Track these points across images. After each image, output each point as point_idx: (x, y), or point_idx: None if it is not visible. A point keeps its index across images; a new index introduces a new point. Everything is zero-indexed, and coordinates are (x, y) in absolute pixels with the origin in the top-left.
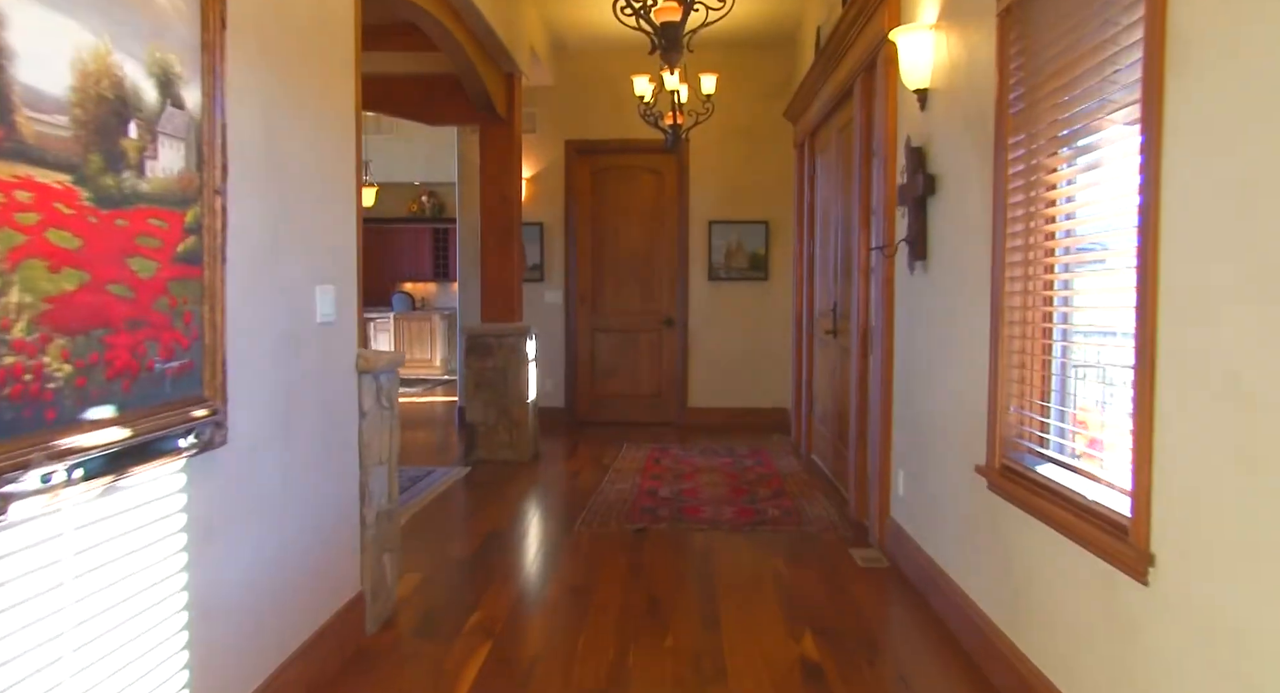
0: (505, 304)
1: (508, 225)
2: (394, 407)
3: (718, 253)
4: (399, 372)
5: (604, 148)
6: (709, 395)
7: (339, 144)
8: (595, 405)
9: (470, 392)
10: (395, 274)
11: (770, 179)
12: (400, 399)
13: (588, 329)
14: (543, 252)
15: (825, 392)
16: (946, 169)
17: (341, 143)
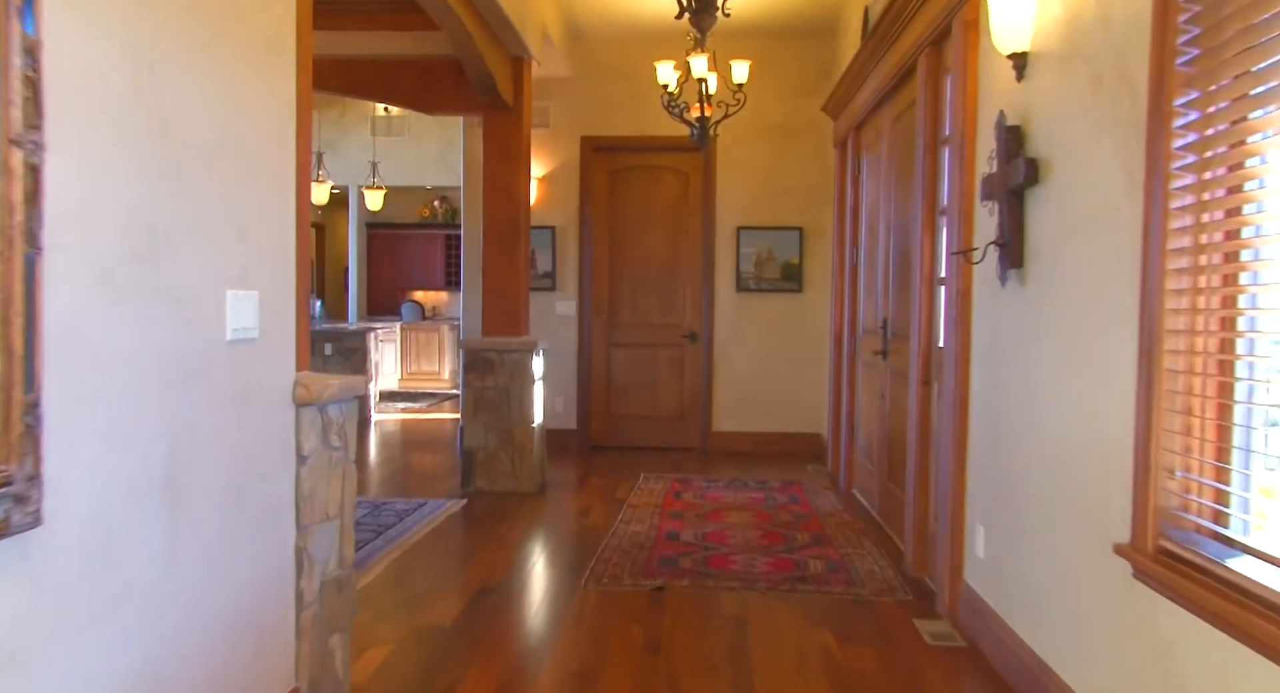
0: (509, 315)
1: (513, 227)
2: (349, 445)
3: (747, 262)
4: (397, 387)
5: (623, 145)
6: (735, 418)
7: (272, 113)
8: (610, 428)
9: (469, 413)
10: (405, 282)
11: (805, 181)
12: (403, 415)
13: (603, 344)
14: (555, 258)
15: (871, 420)
16: (1058, 150)
17: (276, 111)
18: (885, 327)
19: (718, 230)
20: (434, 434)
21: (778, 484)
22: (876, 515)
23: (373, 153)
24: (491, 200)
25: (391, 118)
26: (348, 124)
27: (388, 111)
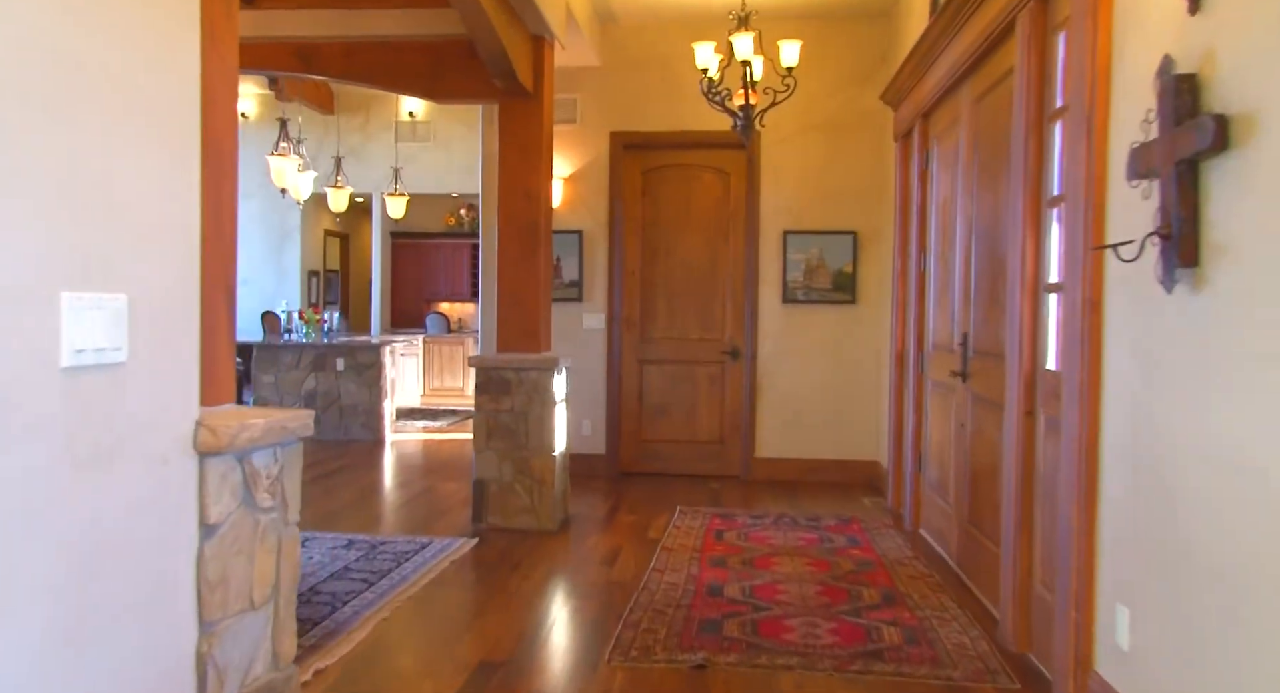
0: (527, 329)
1: (532, 230)
2: (287, 503)
3: (794, 270)
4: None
5: (657, 142)
6: (781, 443)
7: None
8: (642, 453)
9: (481, 440)
10: (430, 293)
11: (859, 180)
12: (421, 436)
13: (634, 360)
14: (581, 266)
15: (946, 452)
16: (1263, 101)
17: (170, 28)
18: (965, 344)
19: (762, 235)
20: (451, 457)
21: (833, 522)
22: (955, 565)
23: (395, 158)
24: (508, 200)
25: (416, 122)
26: (372, 130)
27: (412, 116)
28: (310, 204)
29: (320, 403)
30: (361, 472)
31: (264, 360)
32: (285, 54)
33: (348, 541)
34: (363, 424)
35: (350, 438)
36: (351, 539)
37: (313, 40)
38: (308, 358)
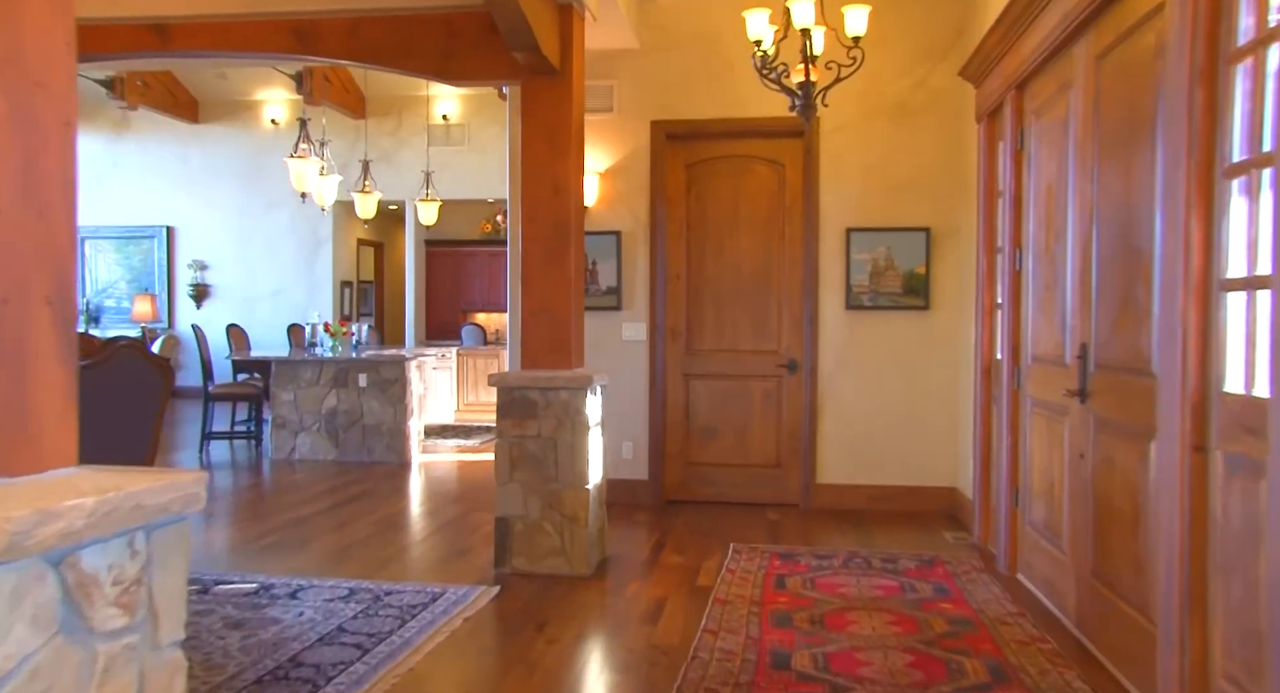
0: (556, 343)
1: (560, 229)
2: (158, 619)
3: (859, 272)
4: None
5: (704, 131)
6: (845, 468)
7: None
8: (689, 478)
9: (504, 471)
10: (466, 303)
11: (931, 171)
12: (452, 456)
13: (680, 375)
14: (620, 271)
15: (1056, 486)
16: None
17: None
18: (1084, 356)
19: (822, 234)
20: (482, 481)
21: (913, 564)
22: (1073, 627)
23: (428, 163)
24: (532, 194)
25: (450, 125)
26: (404, 134)
27: (446, 120)
28: (342, 213)
29: (342, 422)
30: (380, 500)
31: (282, 376)
32: (280, 34)
33: (349, 589)
34: (387, 445)
35: (374, 460)
36: (354, 588)
37: (310, 16)
38: (328, 374)
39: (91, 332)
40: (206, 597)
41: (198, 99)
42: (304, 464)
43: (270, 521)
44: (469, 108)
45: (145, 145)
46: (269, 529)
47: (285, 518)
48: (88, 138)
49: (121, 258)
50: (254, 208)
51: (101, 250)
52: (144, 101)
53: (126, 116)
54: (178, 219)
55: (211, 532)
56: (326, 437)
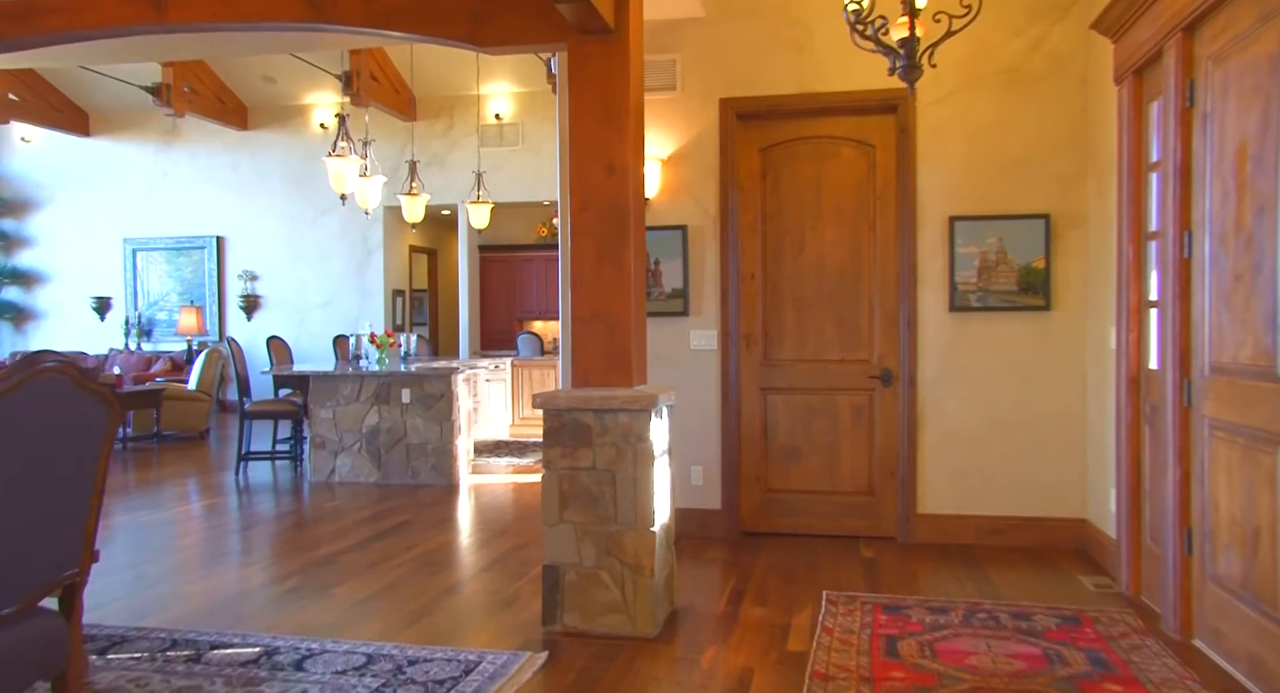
0: (613, 355)
1: (617, 217)
2: None
3: (965, 267)
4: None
5: (780, 109)
6: (951, 495)
7: None
8: (768, 507)
9: (553, 510)
10: (522, 311)
11: (1050, 147)
12: (505, 478)
13: (756, 389)
14: (686, 271)
15: (1259, 538)
16: None
17: None
18: None
19: (920, 224)
20: (534, 508)
21: (1054, 623)
22: None
23: (479, 164)
24: (583, 177)
25: (503, 125)
26: (456, 136)
27: (499, 119)
28: (393, 219)
29: (384, 441)
30: (420, 531)
31: (321, 392)
32: (290, 1)
33: (366, 656)
34: (432, 466)
35: (418, 483)
36: (373, 654)
37: None
38: (369, 389)
39: (143, 346)
40: (197, 667)
41: (246, 105)
42: (344, 488)
43: (295, 559)
44: (522, 106)
45: (195, 154)
46: (291, 570)
47: (312, 556)
48: (138, 148)
49: (172, 269)
50: (304, 215)
51: (153, 262)
52: (192, 109)
53: (176, 125)
54: (228, 229)
55: (229, 571)
56: (368, 457)
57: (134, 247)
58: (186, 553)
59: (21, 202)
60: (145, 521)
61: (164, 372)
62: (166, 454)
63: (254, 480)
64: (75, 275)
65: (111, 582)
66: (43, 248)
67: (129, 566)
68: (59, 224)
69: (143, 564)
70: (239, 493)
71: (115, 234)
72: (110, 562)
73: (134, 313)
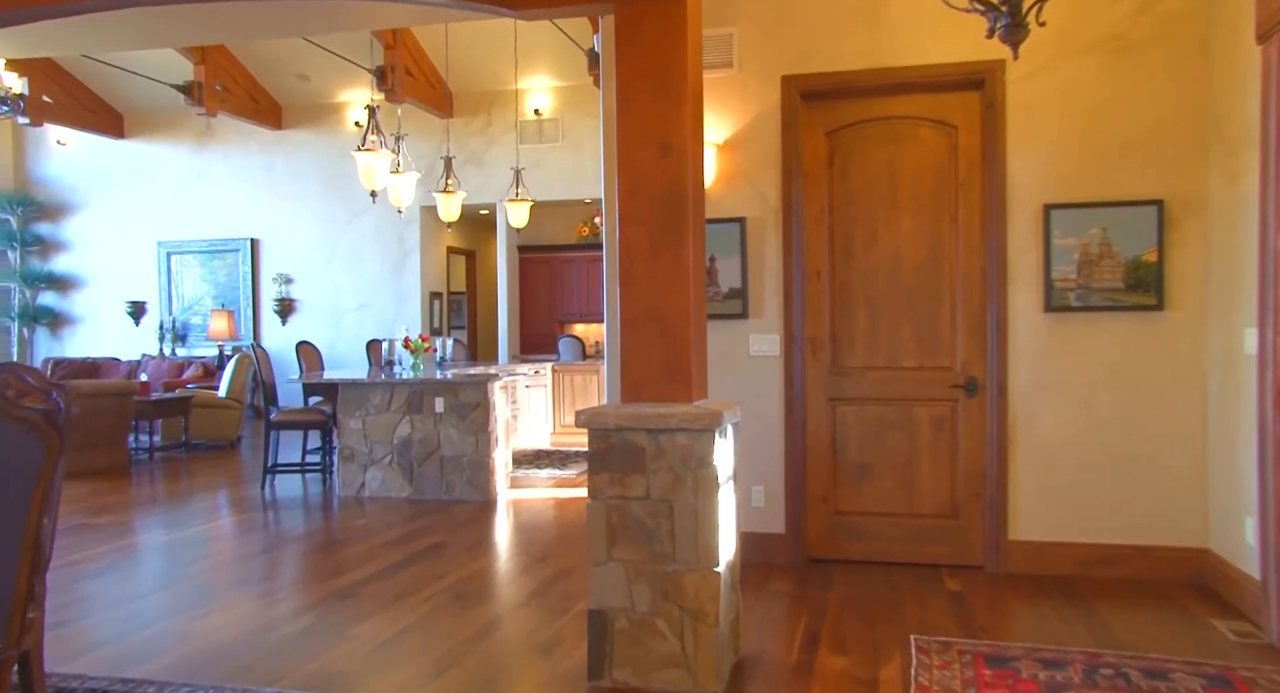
0: (670, 364)
1: (674, 203)
2: None
3: (1063, 261)
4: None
5: (850, 87)
6: (1047, 519)
7: None
8: (837, 530)
9: (600, 545)
10: (563, 313)
11: (1165, 123)
12: (546, 492)
13: (823, 399)
14: (745, 268)
15: None
16: None
17: None
18: None
19: (1011, 213)
20: (578, 527)
21: (1196, 682)
22: None
23: (517, 160)
24: (634, 159)
25: (543, 121)
26: (494, 133)
27: (538, 114)
28: (430, 219)
29: (416, 454)
30: (452, 556)
31: (350, 401)
32: None
33: None
34: (468, 481)
35: (453, 498)
36: None
37: None
38: (400, 398)
39: (178, 351)
40: None
41: (280, 103)
42: (374, 503)
43: (314, 589)
44: (562, 100)
45: (229, 155)
46: (308, 604)
47: (332, 586)
48: (172, 149)
49: (206, 273)
50: (339, 216)
51: (187, 265)
52: (224, 108)
53: (210, 126)
54: (262, 230)
55: (238, 605)
56: (399, 471)
57: (168, 250)
58: (195, 581)
59: (57, 205)
60: (157, 542)
61: (196, 378)
62: (195, 465)
63: (281, 495)
64: (110, 279)
65: (105, 620)
66: (78, 252)
67: (129, 598)
68: (94, 228)
69: (144, 597)
70: (263, 509)
71: (150, 237)
72: (108, 594)
73: (168, 317)
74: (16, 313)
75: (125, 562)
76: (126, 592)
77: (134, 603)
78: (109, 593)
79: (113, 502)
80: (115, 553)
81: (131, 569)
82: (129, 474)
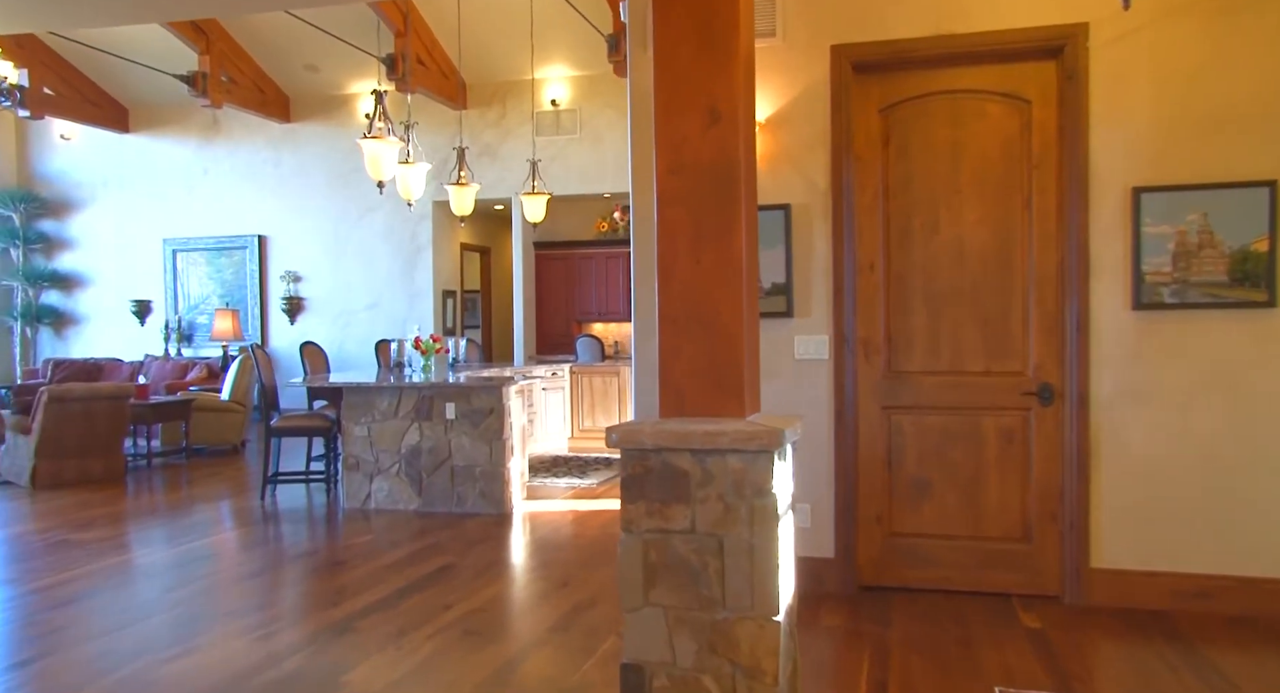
0: (719, 371)
1: (724, 179)
2: None
3: (1155, 252)
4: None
5: (907, 57)
6: (1136, 545)
7: None
8: (892, 554)
9: (635, 589)
10: (581, 312)
11: (1277, 92)
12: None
13: (876, 408)
14: (789, 260)
15: None
16: None
17: None
18: None
19: (1094, 198)
20: (601, 545)
21: None
22: None
23: (534, 152)
24: (674, 128)
25: (560, 111)
26: (509, 125)
27: (555, 105)
28: (442, 215)
29: (425, 463)
30: (464, 580)
31: (355, 407)
32: None
33: None
34: (481, 492)
35: (465, 511)
36: None
37: None
38: (409, 403)
39: (183, 351)
40: None
41: (288, 95)
42: (380, 516)
43: (306, 621)
44: (580, 90)
45: (235, 149)
46: (298, 641)
47: (327, 617)
48: (178, 144)
49: (213, 270)
50: (349, 212)
51: (193, 263)
52: (230, 100)
53: (217, 120)
54: (270, 227)
55: (218, 643)
56: (407, 481)
57: (174, 247)
58: (176, 611)
59: (62, 202)
60: (142, 563)
61: (200, 380)
62: (195, 472)
63: (282, 507)
64: (115, 278)
65: (70, 661)
66: (83, 250)
67: (101, 632)
68: (99, 225)
69: (118, 631)
70: (262, 522)
71: (155, 235)
72: (79, 626)
73: (174, 317)
74: (19, 312)
75: (103, 586)
76: (99, 624)
77: (106, 638)
78: (80, 625)
79: (101, 515)
80: (94, 576)
81: (109, 595)
82: (124, 483)
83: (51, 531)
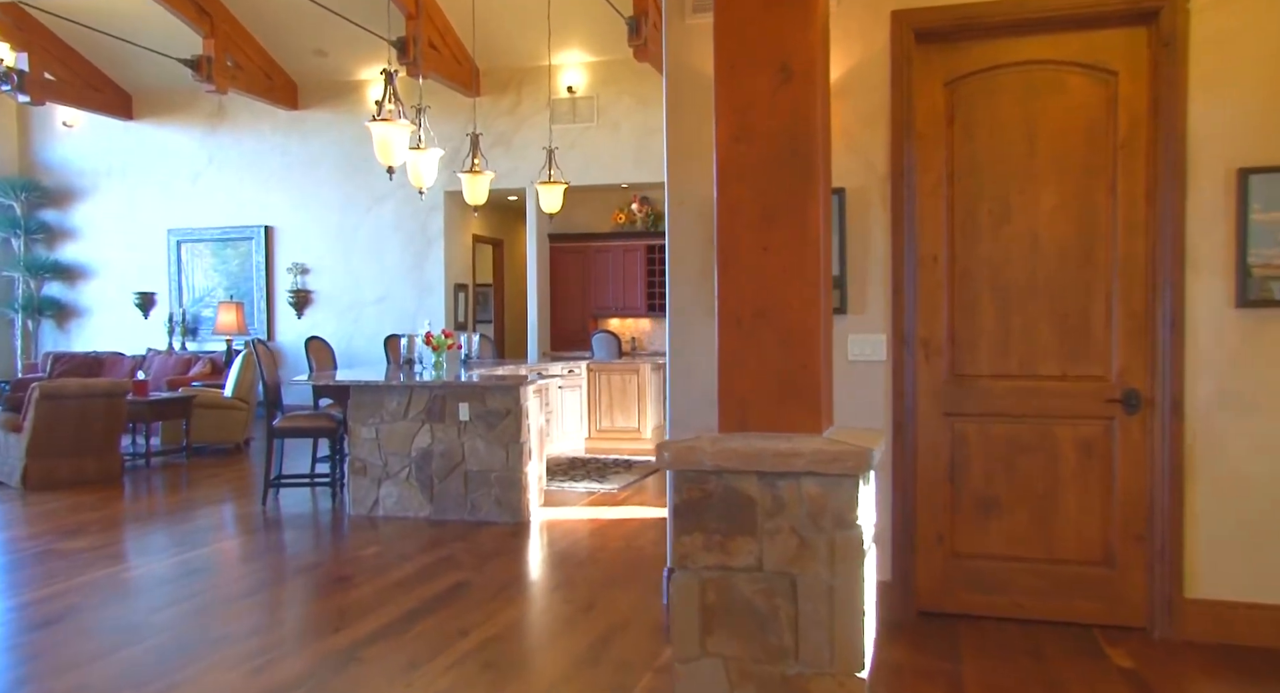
0: (792, 380)
1: (800, 153)
2: None
3: (1264, 241)
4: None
5: (976, 24)
6: (1239, 573)
7: None
8: (955, 577)
9: (691, 636)
10: (597, 307)
11: None
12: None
13: (938, 415)
14: (844, 252)
15: None
16: None
17: None
18: None
19: (1192, 181)
20: (627, 559)
21: None
22: None
23: (550, 140)
24: (738, 88)
25: (576, 99)
26: (524, 112)
27: (572, 92)
28: (454, 206)
29: (437, 468)
30: (480, 601)
31: (363, 407)
32: None
33: None
34: (496, 499)
35: (479, 519)
36: None
37: None
38: (419, 403)
39: (188, 345)
40: None
41: (296, 81)
42: (389, 525)
43: (303, 651)
44: (597, 77)
45: (241, 137)
46: (292, 676)
47: (327, 647)
48: (183, 131)
49: (218, 262)
50: (358, 202)
51: (198, 255)
52: (236, 85)
53: (222, 107)
54: (277, 218)
55: (201, 679)
56: (417, 487)
57: (178, 238)
58: (162, 636)
59: (64, 191)
60: (130, 576)
61: (203, 375)
62: (195, 472)
63: (285, 513)
64: (118, 269)
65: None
66: (86, 240)
67: (78, 661)
68: (102, 214)
69: (96, 661)
70: (262, 531)
71: (159, 224)
72: (54, 655)
73: (178, 309)
74: (20, 304)
75: (86, 604)
76: (79, 650)
77: (80, 670)
78: (55, 654)
79: (92, 520)
80: (78, 591)
81: (92, 615)
82: (120, 485)
83: (38, 537)
